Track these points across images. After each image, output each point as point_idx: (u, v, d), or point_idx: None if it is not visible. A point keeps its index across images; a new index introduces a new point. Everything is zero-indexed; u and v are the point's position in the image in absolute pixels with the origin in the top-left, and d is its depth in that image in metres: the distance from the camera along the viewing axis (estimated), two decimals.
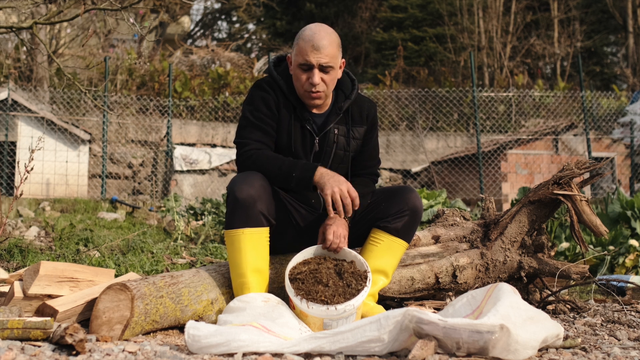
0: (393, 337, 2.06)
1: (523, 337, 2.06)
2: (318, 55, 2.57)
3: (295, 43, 2.64)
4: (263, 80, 2.72)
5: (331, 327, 2.38)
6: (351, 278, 2.45)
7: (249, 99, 2.70)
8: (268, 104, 2.66)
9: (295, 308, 2.43)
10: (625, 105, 14.04)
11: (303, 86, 2.63)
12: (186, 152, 12.03)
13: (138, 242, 5.14)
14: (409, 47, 19.73)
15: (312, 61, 2.58)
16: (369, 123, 2.83)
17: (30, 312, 2.51)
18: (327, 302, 2.38)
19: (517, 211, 3.24)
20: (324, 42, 2.58)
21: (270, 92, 2.67)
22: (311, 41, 2.58)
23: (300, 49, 2.60)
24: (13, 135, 10.97)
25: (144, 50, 16.87)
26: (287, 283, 2.43)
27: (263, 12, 23.97)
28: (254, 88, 2.71)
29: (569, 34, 20.79)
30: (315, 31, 2.60)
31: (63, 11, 4.26)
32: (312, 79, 2.59)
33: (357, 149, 2.82)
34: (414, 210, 2.74)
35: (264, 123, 2.65)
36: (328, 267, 2.50)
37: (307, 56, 2.58)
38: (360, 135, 2.80)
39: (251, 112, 2.66)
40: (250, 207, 2.49)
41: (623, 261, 4.63)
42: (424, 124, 13.92)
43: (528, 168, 12.19)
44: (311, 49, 2.57)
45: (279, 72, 2.73)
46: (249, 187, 2.49)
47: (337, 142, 2.75)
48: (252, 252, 2.51)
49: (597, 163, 3.17)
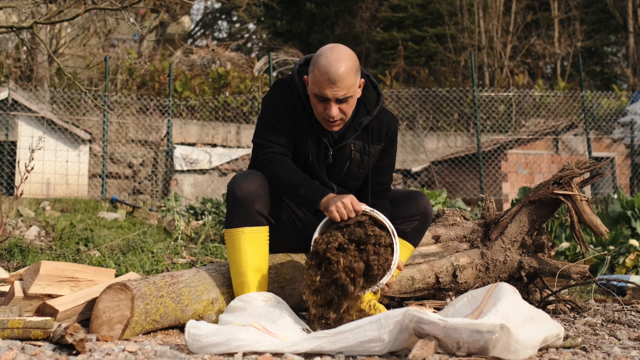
0: (393, 336, 2.06)
1: (523, 336, 2.06)
2: (334, 90, 2.44)
3: (311, 70, 2.50)
4: (285, 81, 2.64)
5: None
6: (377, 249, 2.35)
7: (270, 98, 2.63)
8: (287, 107, 2.59)
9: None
10: (626, 105, 14.04)
11: (320, 115, 2.53)
12: (186, 151, 12.03)
13: (138, 241, 5.14)
14: (409, 46, 19.73)
15: (329, 95, 2.45)
16: (387, 140, 2.71)
17: (30, 312, 2.51)
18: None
19: (517, 211, 3.24)
20: (340, 73, 2.42)
21: (289, 95, 2.60)
22: (327, 74, 2.42)
23: (315, 80, 2.47)
24: (13, 134, 10.97)
25: (144, 50, 16.87)
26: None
27: (263, 12, 23.97)
28: (276, 87, 2.64)
29: (569, 34, 20.79)
30: (331, 61, 2.43)
31: (63, 11, 4.26)
32: (329, 111, 2.48)
33: (371, 165, 2.71)
34: (425, 215, 2.74)
35: (285, 126, 2.58)
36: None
37: (323, 90, 2.45)
38: (376, 152, 2.70)
39: (272, 114, 2.59)
40: (250, 206, 2.48)
41: (623, 261, 4.63)
42: (424, 124, 13.93)
43: (528, 168, 12.19)
44: (327, 82, 2.43)
45: (301, 77, 2.62)
46: (249, 186, 2.48)
47: (353, 158, 2.65)
48: (252, 251, 2.51)
49: (598, 163, 3.17)
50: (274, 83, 2.66)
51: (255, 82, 14.44)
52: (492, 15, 18.86)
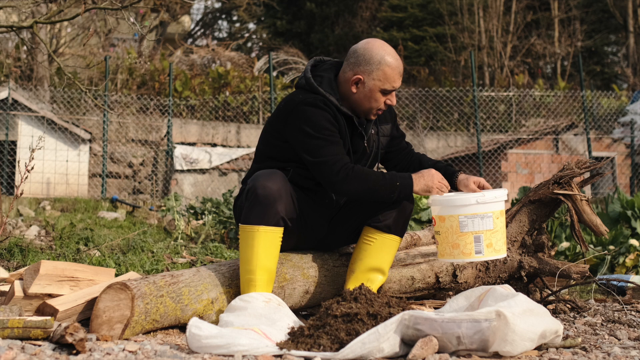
0: (392, 344, 2.05)
1: (521, 327, 2.05)
2: (400, 80, 2.72)
3: (377, 68, 2.67)
4: (317, 99, 2.68)
5: (467, 227, 2.56)
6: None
7: (311, 119, 2.64)
8: (331, 122, 2.66)
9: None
10: (626, 105, 14.04)
11: (378, 106, 2.72)
12: (186, 151, 12.02)
13: (138, 241, 5.14)
14: (409, 46, 19.72)
15: (398, 86, 2.71)
16: (392, 118, 2.95)
17: (30, 312, 2.51)
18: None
19: (517, 211, 3.24)
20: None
21: (328, 111, 2.67)
22: (398, 67, 2.69)
23: (386, 76, 2.67)
24: (13, 134, 10.97)
25: (145, 50, 16.87)
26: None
27: (263, 11, 23.95)
28: (312, 107, 2.66)
29: (569, 34, 20.78)
30: (394, 56, 2.70)
31: (63, 10, 4.26)
32: (392, 100, 2.72)
33: (386, 145, 2.92)
34: (403, 205, 2.74)
35: (338, 139, 2.67)
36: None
37: (395, 82, 2.69)
38: (387, 132, 2.91)
39: (320, 131, 2.63)
40: (270, 206, 2.51)
41: (623, 261, 4.63)
42: (425, 124, 13.92)
43: (528, 167, 12.19)
44: (398, 75, 2.69)
45: (325, 86, 2.72)
46: (272, 185, 2.51)
47: (376, 141, 2.85)
48: (264, 250, 2.52)
49: (598, 162, 3.17)
50: (303, 103, 2.67)
51: (256, 82, 14.43)
52: (492, 14, 18.85)
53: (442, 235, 2.65)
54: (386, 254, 2.76)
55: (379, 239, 2.74)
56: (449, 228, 2.60)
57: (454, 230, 2.59)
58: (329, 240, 2.92)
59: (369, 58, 2.67)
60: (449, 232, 2.61)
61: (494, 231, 2.59)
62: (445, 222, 2.61)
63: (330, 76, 2.74)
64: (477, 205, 2.57)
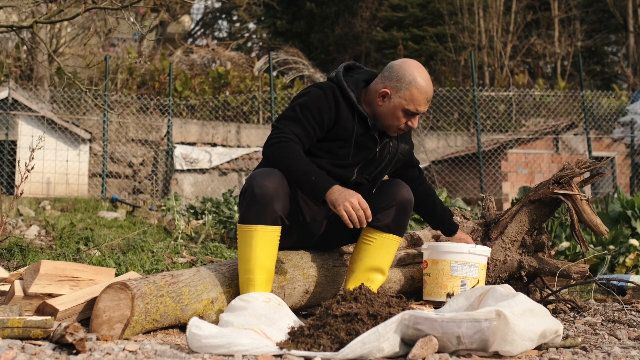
0: (392, 344, 2.05)
1: (521, 326, 2.04)
2: (427, 106, 2.73)
3: (406, 87, 2.68)
4: (329, 87, 2.70)
5: (456, 272, 2.87)
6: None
7: (306, 96, 2.68)
8: (321, 111, 2.65)
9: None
10: (626, 105, 14.04)
11: (399, 125, 2.74)
12: (186, 151, 12.02)
13: (138, 241, 5.15)
14: (410, 46, 19.71)
15: (422, 111, 2.71)
16: (412, 145, 3.02)
17: (30, 311, 2.51)
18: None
19: (517, 210, 3.24)
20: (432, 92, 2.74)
21: (330, 102, 2.66)
22: (426, 93, 2.69)
23: (413, 98, 2.68)
24: (13, 134, 10.97)
25: (145, 50, 16.87)
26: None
27: (263, 11, 23.95)
28: (317, 89, 2.69)
29: (569, 34, 20.78)
30: (427, 81, 2.70)
31: (63, 10, 4.26)
32: (412, 123, 2.74)
33: (401, 163, 2.95)
34: (402, 204, 2.73)
35: (310, 125, 2.64)
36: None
37: (420, 106, 2.70)
38: (405, 152, 2.94)
39: (302, 109, 2.64)
40: (267, 205, 2.50)
41: (623, 260, 4.63)
42: (424, 123, 13.92)
43: (528, 167, 12.19)
44: (425, 100, 2.70)
45: (350, 83, 2.73)
46: (269, 184, 2.50)
47: (391, 153, 2.84)
48: (262, 249, 2.52)
49: (598, 162, 3.17)
50: (317, 85, 2.72)
51: (256, 82, 14.44)
52: (492, 14, 18.85)
53: (432, 277, 2.94)
54: (386, 254, 2.76)
55: (378, 238, 2.74)
56: (440, 270, 2.91)
57: (444, 272, 2.90)
58: (328, 240, 2.91)
59: (401, 76, 2.69)
60: (439, 274, 2.91)
61: (477, 279, 2.93)
62: (438, 264, 2.92)
63: (360, 78, 2.77)
64: (468, 255, 2.92)
